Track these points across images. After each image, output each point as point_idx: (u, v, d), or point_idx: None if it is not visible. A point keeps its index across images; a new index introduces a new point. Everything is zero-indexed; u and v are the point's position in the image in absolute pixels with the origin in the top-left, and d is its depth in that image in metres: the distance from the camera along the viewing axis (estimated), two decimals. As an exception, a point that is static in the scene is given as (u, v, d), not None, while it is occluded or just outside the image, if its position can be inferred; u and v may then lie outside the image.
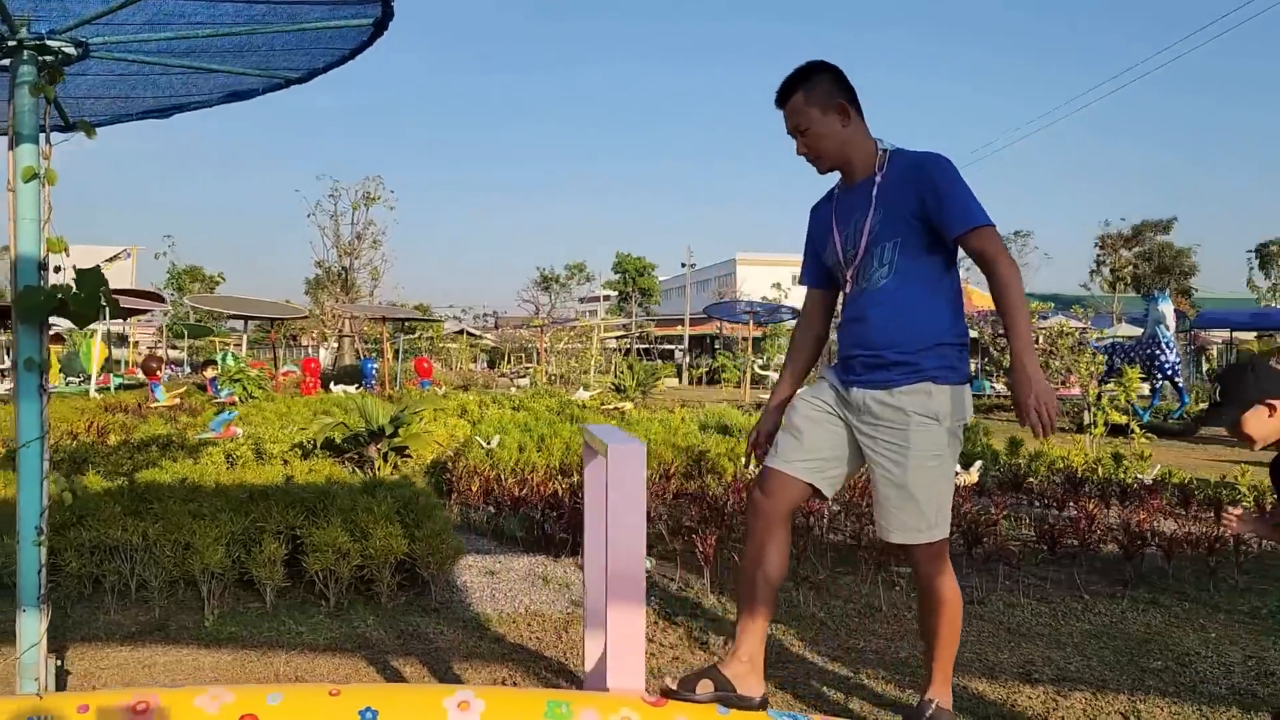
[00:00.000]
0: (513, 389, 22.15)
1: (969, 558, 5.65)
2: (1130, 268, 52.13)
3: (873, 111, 3.10)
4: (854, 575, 5.64)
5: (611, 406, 14.35)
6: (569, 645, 4.49)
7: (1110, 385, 15.16)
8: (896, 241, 2.89)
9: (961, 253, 2.90)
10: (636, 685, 2.34)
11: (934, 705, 2.97)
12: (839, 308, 3.27)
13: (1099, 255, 54.25)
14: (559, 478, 7.66)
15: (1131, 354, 16.21)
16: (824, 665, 4.22)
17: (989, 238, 2.76)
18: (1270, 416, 2.62)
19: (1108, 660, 4.29)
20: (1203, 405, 18.51)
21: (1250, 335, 43.47)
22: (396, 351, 26.28)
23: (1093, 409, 12.25)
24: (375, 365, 25.23)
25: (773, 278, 62.73)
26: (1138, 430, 9.58)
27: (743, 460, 8.29)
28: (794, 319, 37.20)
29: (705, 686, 2.55)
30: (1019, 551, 5.72)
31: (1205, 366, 41.58)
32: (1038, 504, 7.37)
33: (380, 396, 15.59)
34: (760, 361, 29.96)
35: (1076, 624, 4.83)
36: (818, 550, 6.03)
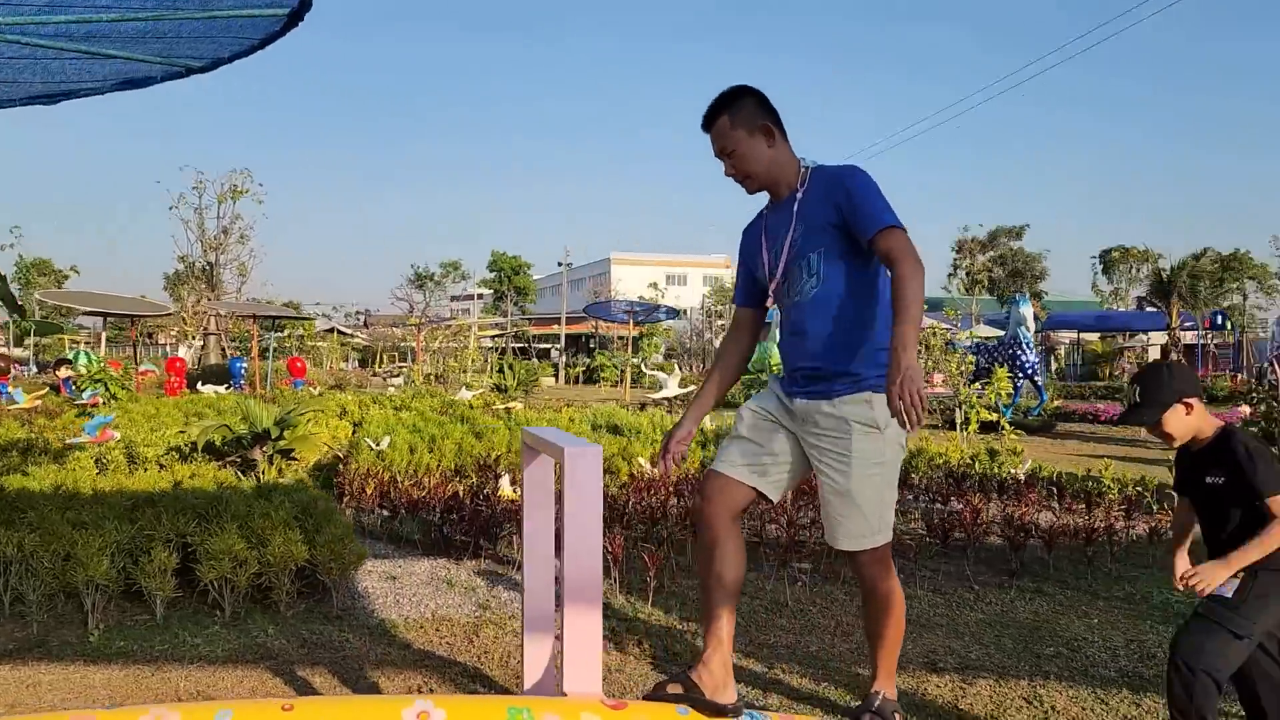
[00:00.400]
0: (390, 389, 21.66)
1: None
2: (986, 271, 54.67)
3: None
4: (756, 573, 5.73)
5: (501, 406, 14.20)
6: (481, 650, 4.43)
7: (977, 385, 15.86)
8: (820, 251, 2.97)
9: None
10: (594, 689, 2.33)
11: (880, 696, 3.09)
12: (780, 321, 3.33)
13: (955, 259, 56.81)
14: (455, 479, 7.54)
15: (995, 354, 16.97)
16: (739, 662, 4.27)
17: (896, 238, 2.82)
18: (1188, 414, 2.78)
19: (1005, 648, 4.49)
20: (1058, 403, 19.57)
21: (1095, 336, 46.26)
22: (265, 350, 25.34)
23: (964, 407, 12.82)
24: (244, 365, 24.28)
25: (647, 277, 63.23)
26: (1008, 427, 10.07)
27: (641, 461, 8.33)
28: (670, 319, 37.31)
29: (675, 690, 2.57)
30: (914, 545, 5.93)
31: (1054, 365, 43.98)
32: (923, 499, 7.65)
33: (251, 397, 15.02)
34: (641, 361, 30.14)
35: (971, 614, 5.03)
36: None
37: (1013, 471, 8.57)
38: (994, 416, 10.45)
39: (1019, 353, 16.68)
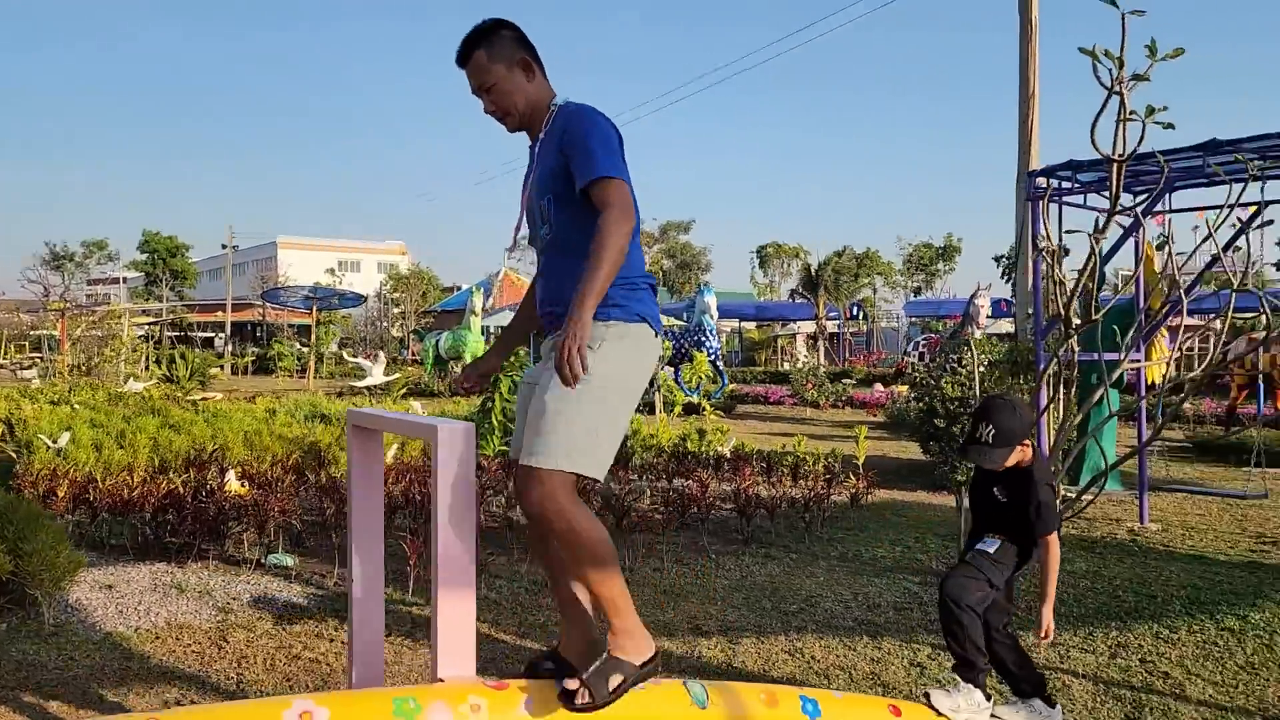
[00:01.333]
0: (34, 381, 19.16)
1: (618, 529, 6.01)
2: (656, 264, 57.70)
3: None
4: (505, 557, 5.75)
5: (200, 397, 13.07)
6: (238, 655, 4.11)
7: (671, 370, 16.71)
8: (550, 198, 2.84)
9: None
10: (469, 673, 2.25)
11: (605, 657, 2.56)
12: None
13: (624, 250, 59.60)
14: (160, 476, 6.86)
15: (681, 340, 18.00)
16: (516, 643, 4.29)
17: (606, 189, 2.65)
18: (1022, 450, 3.12)
19: (755, 608, 4.84)
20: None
21: (753, 325, 50.20)
22: None
23: (661, 390, 13.49)
24: None
25: (320, 262, 60.45)
26: (709, 408, 10.75)
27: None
28: (355, 305, 35.53)
29: (549, 666, 2.51)
30: (662, 520, 6.19)
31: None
32: (648, 477, 8.00)
33: None
34: (341, 348, 28.73)
35: (716, 580, 5.37)
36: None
37: (719, 449, 9.18)
38: (697, 399, 11.09)
39: (704, 339, 17.77)
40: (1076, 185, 6.62)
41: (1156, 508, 7.45)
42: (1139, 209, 5.94)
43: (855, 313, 46.06)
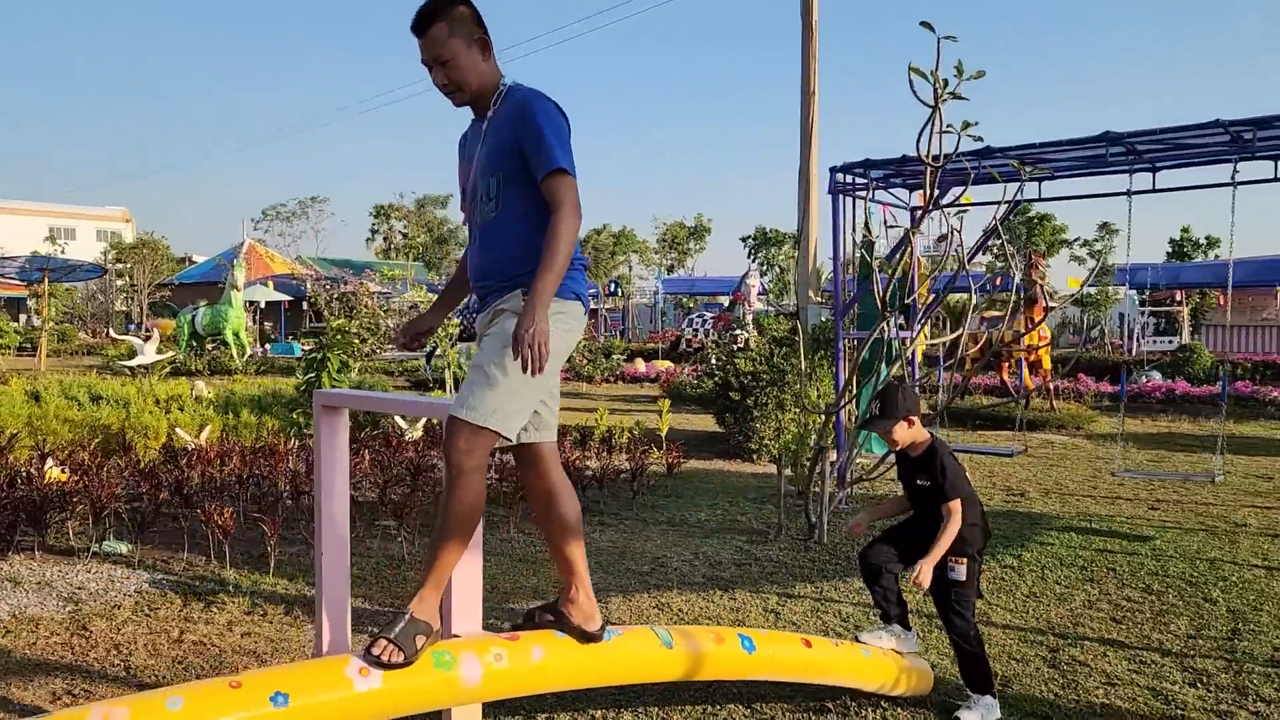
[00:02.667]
0: None
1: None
2: (403, 238, 56.62)
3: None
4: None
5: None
6: (111, 644, 4.00)
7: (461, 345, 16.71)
8: (499, 176, 2.94)
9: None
10: (478, 629, 2.42)
11: (407, 616, 2.55)
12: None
13: (374, 224, 58.25)
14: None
15: (465, 316, 17.99)
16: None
17: (561, 184, 2.82)
18: (909, 428, 3.59)
19: (611, 570, 5.19)
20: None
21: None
22: None
23: (451, 366, 13.56)
24: None
25: (29, 229, 54.76)
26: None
27: (181, 432, 7.67)
28: (94, 276, 32.42)
29: (545, 618, 2.70)
30: (508, 493, 6.37)
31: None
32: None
33: None
34: (109, 326, 26.09)
35: (564, 548, 5.67)
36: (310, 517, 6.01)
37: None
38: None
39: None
40: (872, 180, 7.41)
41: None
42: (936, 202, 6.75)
43: (614, 290, 47.25)
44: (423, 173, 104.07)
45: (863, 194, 7.58)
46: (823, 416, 6.21)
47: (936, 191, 5.23)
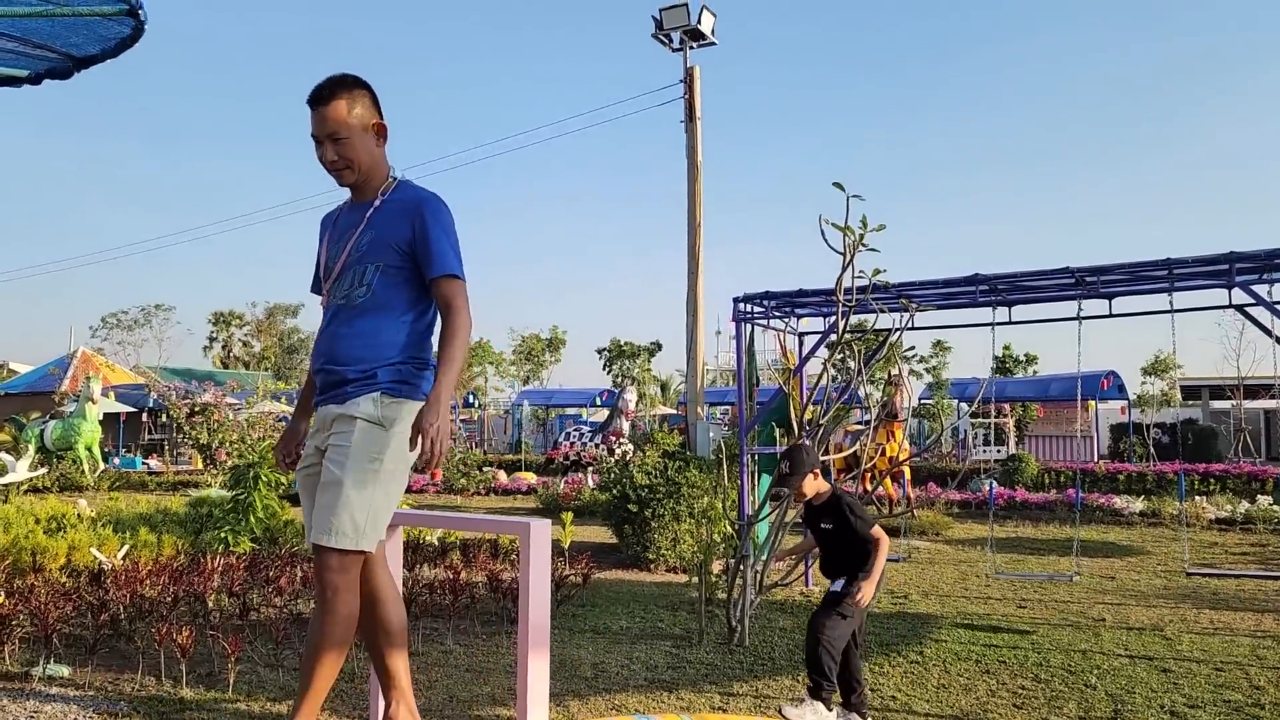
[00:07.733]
0: None
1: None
2: (243, 346, 55.42)
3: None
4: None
5: None
6: None
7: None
8: (379, 265, 2.97)
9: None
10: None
11: None
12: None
13: (212, 332, 57.06)
14: None
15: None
16: None
17: (454, 288, 2.91)
18: (814, 480, 4.14)
19: (558, 675, 5.42)
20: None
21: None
22: None
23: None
24: None
25: None
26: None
27: (95, 552, 7.49)
28: None
29: None
30: (447, 605, 6.55)
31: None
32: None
33: None
34: None
35: (500, 658, 5.88)
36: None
37: (428, 538, 9.59)
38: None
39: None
40: (769, 309, 8.17)
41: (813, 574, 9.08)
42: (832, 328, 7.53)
43: (471, 401, 47.16)
44: (273, 283, 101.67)
45: (761, 322, 8.33)
46: (740, 526, 6.73)
47: (844, 321, 5.95)
